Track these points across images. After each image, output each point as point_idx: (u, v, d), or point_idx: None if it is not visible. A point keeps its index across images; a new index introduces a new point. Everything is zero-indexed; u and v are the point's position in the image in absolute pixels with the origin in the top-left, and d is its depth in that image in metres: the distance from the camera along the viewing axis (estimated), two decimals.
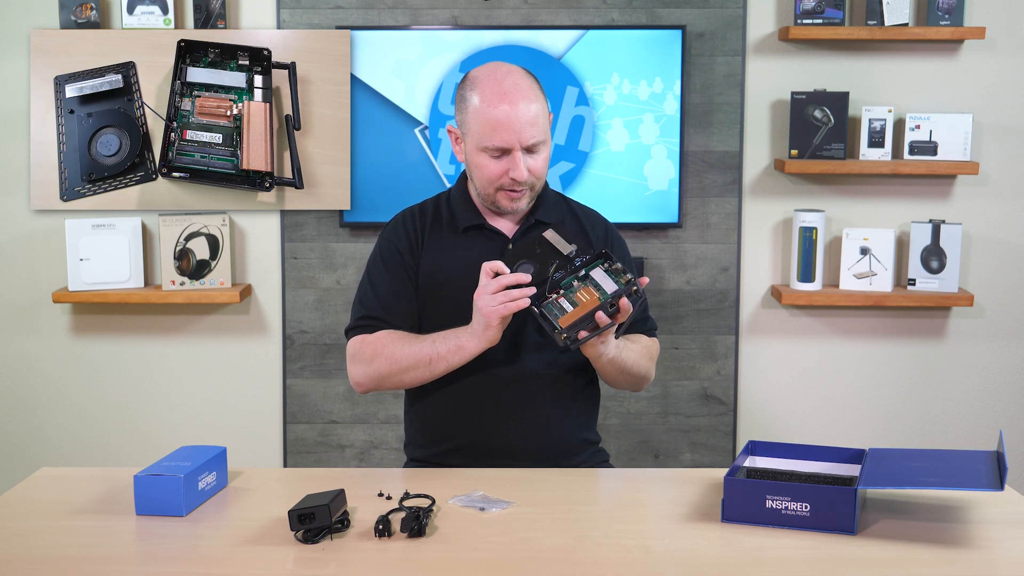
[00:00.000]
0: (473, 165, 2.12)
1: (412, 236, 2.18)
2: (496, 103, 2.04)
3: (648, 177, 3.35)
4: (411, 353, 2.07)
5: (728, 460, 3.48)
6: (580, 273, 2.03)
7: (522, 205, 2.13)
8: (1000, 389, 3.50)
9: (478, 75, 2.10)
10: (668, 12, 3.33)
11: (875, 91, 3.36)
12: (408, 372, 2.09)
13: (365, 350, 2.11)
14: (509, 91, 2.05)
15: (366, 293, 2.18)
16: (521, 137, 2.05)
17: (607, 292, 1.99)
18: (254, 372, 3.48)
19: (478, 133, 2.07)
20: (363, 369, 2.12)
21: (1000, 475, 1.72)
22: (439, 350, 2.06)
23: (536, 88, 2.10)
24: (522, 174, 2.07)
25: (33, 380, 3.48)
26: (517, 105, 2.04)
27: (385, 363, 2.09)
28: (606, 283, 2.00)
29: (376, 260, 2.20)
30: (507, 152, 2.06)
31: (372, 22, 3.33)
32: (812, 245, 3.33)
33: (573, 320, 1.98)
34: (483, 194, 2.14)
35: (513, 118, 2.03)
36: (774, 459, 1.95)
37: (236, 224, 3.42)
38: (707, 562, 1.62)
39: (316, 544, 1.67)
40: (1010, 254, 3.44)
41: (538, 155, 2.09)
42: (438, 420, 2.16)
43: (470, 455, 2.12)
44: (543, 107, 2.09)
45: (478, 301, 2.01)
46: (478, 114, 2.06)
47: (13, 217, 3.40)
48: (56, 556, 1.64)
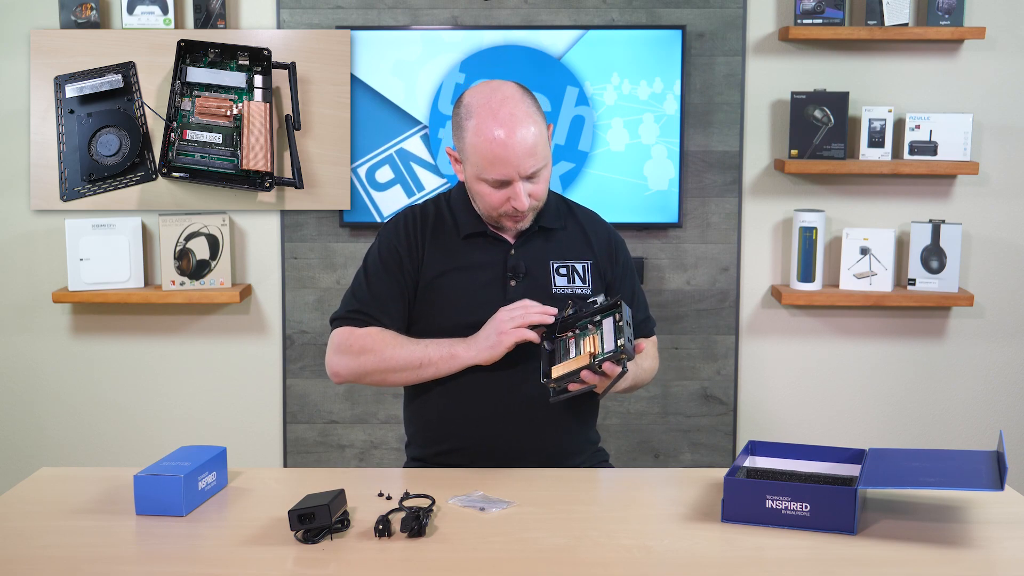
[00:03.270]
0: (474, 192, 2.10)
1: (413, 240, 2.16)
2: (492, 136, 2.01)
3: (648, 177, 3.35)
4: (402, 355, 2.07)
5: (728, 460, 3.48)
6: (595, 319, 2.00)
7: (526, 225, 2.14)
8: (1000, 389, 3.50)
9: (472, 102, 2.07)
10: (668, 12, 3.33)
11: (875, 91, 3.36)
12: (395, 373, 2.09)
13: (353, 343, 2.11)
14: (505, 121, 2.01)
15: (360, 287, 2.17)
16: (520, 169, 2.03)
17: (604, 349, 1.94)
18: (254, 372, 3.48)
19: (476, 164, 2.05)
20: (347, 361, 2.11)
21: (1000, 475, 1.72)
22: (431, 355, 2.07)
23: (532, 109, 2.05)
24: (523, 203, 2.06)
25: (33, 380, 3.48)
26: (514, 136, 2.00)
27: (373, 360, 2.09)
28: (607, 339, 1.96)
29: (375, 257, 2.18)
30: (507, 183, 2.05)
31: (372, 22, 3.33)
32: (812, 245, 3.33)
33: (563, 372, 1.96)
34: (486, 216, 2.13)
35: (511, 151, 2.01)
36: (774, 459, 1.95)
37: (236, 224, 3.42)
38: (707, 562, 1.62)
39: (316, 544, 1.67)
40: (1010, 254, 3.44)
41: (539, 179, 2.07)
42: (438, 420, 2.16)
43: (470, 455, 2.11)
44: (541, 128, 2.05)
45: (497, 319, 2.02)
46: (476, 147, 2.03)
47: (13, 217, 3.40)
48: (56, 556, 1.64)
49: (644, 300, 2.30)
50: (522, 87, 2.10)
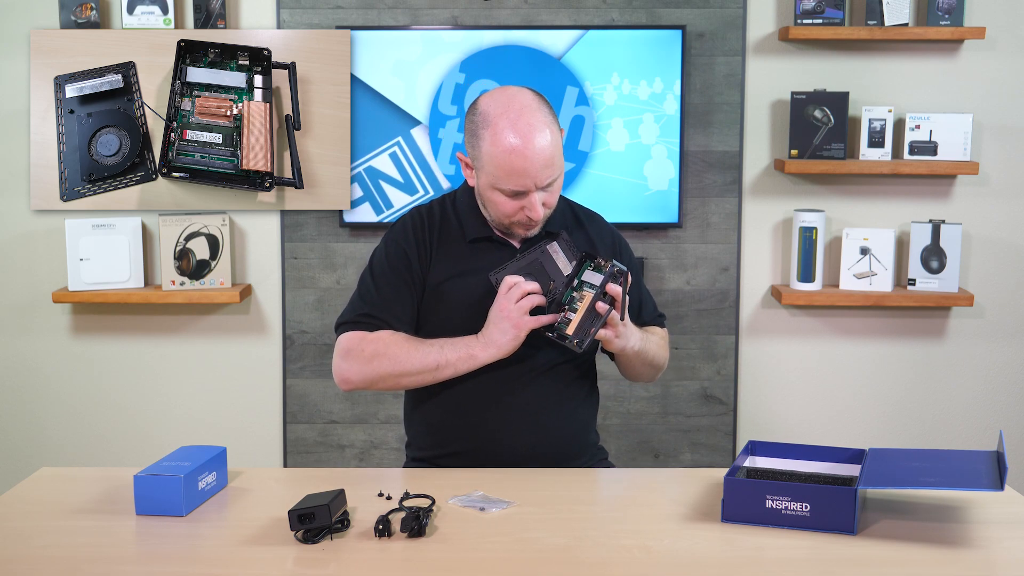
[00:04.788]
0: (487, 199, 2.08)
1: (422, 243, 2.14)
2: (510, 147, 1.98)
3: (648, 177, 3.35)
4: (417, 358, 2.05)
5: (728, 460, 3.48)
6: (574, 283, 2.04)
7: (535, 232, 2.13)
8: (1000, 389, 3.50)
9: (489, 110, 2.03)
10: (668, 12, 3.33)
11: (875, 91, 3.36)
12: (410, 376, 2.07)
13: (365, 348, 2.08)
14: (524, 132, 1.98)
15: (368, 291, 2.14)
16: (538, 180, 2.01)
17: (596, 287, 2.01)
18: (254, 372, 3.48)
19: (492, 175, 2.02)
20: (358, 367, 2.08)
21: (1000, 475, 1.72)
22: (448, 357, 2.04)
23: (549, 116, 2.03)
24: (538, 214, 2.05)
25: (33, 380, 3.48)
26: (533, 147, 1.98)
27: (387, 364, 2.06)
28: (596, 279, 2.02)
29: (382, 260, 2.15)
30: (523, 194, 2.03)
31: (372, 22, 3.33)
32: (812, 245, 3.33)
33: (577, 323, 2.00)
34: (495, 224, 2.12)
35: (529, 163, 1.99)
36: (774, 459, 1.95)
37: (236, 224, 3.42)
38: (707, 562, 1.62)
39: (316, 544, 1.67)
40: (1010, 254, 3.44)
41: (553, 189, 2.06)
42: (439, 424, 2.15)
43: (474, 458, 2.11)
44: (557, 138, 2.03)
45: (503, 311, 2.01)
46: (493, 157, 2.01)
47: (13, 217, 3.40)
48: (56, 556, 1.64)
49: (652, 299, 2.31)
50: (538, 94, 2.07)
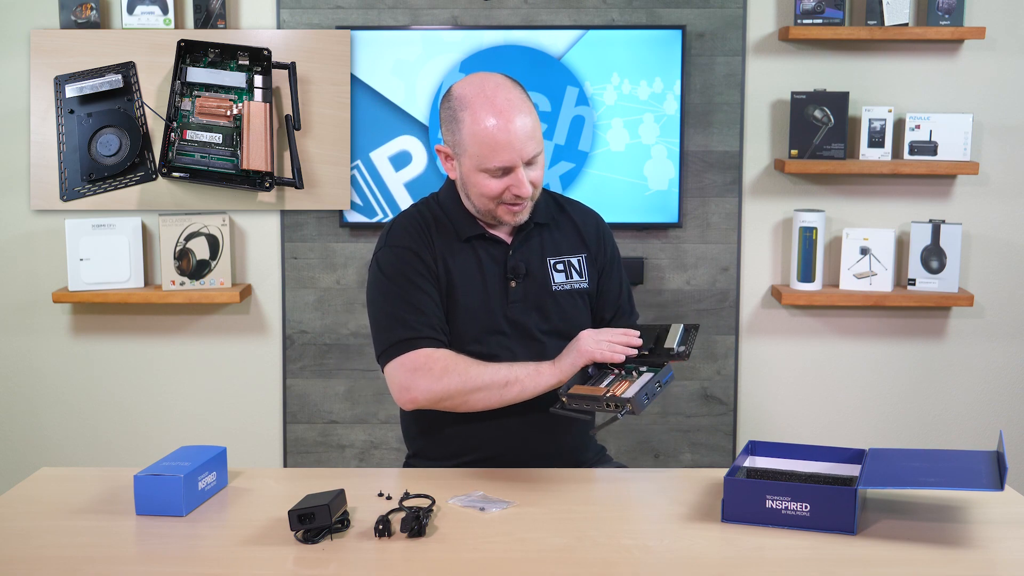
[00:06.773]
0: (471, 184, 2.08)
1: (428, 243, 2.12)
2: (492, 123, 2.01)
3: (648, 177, 3.35)
4: (486, 373, 2.01)
5: (728, 460, 3.48)
6: (643, 368, 1.98)
7: (523, 217, 2.12)
8: (1000, 389, 3.50)
9: (465, 93, 2.05)
10: (668, 12, 3.33)
11: (875, 91, 3.36)
12: (478, 392, 2.00)
13: (434, 365, 2.00)
14: (503, 108, 2.01)
15: (397, 310, 2.06)
16: (523, 153, 2.02)
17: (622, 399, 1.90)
18: (254, 372, 3.48)
19: (477, 155, 2.03)
20: (429, 384, 2.00)
21: (1000, 475, 1.72)
22: (517, 373, 2.00)
23: (524, 96, 2.07)
24: (527, 190, 2.05)
25: (33, 380, 3.48)
26: (514, 121, 2.01)
27: (457, 380, 1.99)
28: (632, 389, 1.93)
29: (398, 275, 2.09)
30: (509, 170, 2.04)
31: (372, 22, 3.33)
32: (812, 245, 3.33)
33: (579, 394, 1.94)
34: (482, 210, 2.10)
35: (512, 136, 2.00)
36: (774, 459, 1.95)
37: (236, 224, 3.42)
38: (707, 562, 1.62)
39: (316, 544, 1.67)
40: (1010, 254, 3.44)
41: (536, 165, 2.07)
42: (440, 430, 2.15)
43: (473, 462, 2.10)
44: (535, 114, 2.06)
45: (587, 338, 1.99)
46: (475, 136, 2.02)
47: (13, 217, 3.40)
48: (56, 556, 1.64)
49: (629, 290, 2.29)
50: (509, 76, 2.10)
